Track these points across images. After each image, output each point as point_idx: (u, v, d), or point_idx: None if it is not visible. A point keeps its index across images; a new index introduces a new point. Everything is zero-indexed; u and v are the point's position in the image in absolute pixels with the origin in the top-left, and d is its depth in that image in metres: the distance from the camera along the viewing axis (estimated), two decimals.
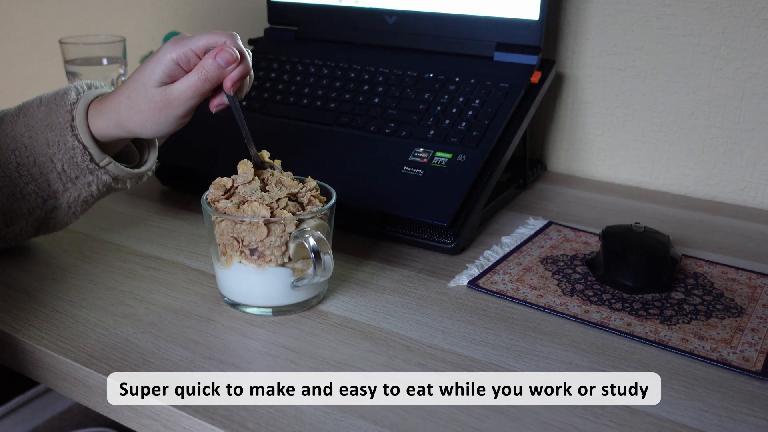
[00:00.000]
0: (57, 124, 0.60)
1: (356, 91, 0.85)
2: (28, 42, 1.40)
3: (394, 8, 0.89)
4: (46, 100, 0.62)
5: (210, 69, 0.56)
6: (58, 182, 0.61)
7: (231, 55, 0.56)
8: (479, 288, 0.63)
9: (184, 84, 0.57)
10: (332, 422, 0.46)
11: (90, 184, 0.62)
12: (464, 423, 0.46)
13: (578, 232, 0.74)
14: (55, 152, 0.60)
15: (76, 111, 0.60)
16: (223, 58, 0.56)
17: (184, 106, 0.58)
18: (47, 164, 0.61)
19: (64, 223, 0.65)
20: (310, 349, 0.54)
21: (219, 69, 0.56)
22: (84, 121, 0.60)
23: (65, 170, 0.61)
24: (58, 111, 0.60)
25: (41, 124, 0.61)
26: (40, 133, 0.61)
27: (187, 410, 0.47)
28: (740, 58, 0.82)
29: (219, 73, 0.57)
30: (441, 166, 0.73)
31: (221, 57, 0.56)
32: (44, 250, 0.69)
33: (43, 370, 0.55)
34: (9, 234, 0.64)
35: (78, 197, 0.63)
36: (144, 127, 0.59)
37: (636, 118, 0.90)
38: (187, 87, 0.57)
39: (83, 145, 0.60)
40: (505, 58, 0.83)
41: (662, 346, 0.54)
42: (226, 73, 0.57)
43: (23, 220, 0.63)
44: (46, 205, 0.63)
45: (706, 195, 0.88)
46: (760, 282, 0.65)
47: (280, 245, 0.55)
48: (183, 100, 0.57)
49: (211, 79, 0.57)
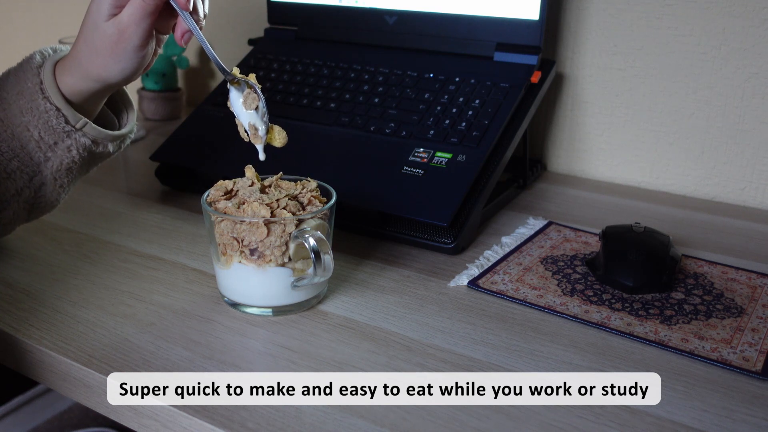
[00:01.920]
0: (26, 90, 0.59)
1: (356, 91, 0.85)
2: (28, 42, 1.40)
3: (394, 8, 0.89)
4: (13, 70, 0.61)
5: None
6: (38, 152, 0.60)
7: None
8: (479, 288, 0.63)
9: (130, 8, 0.55)
10: (332, 422, 0.46)
11: (70, 149, 0.61)
12: (464, 423, 0.46)
13: (578, 232, 0.74)
14: (30, 119, 0.59)
15: (43, 73, 0.59)
16: None
17: (137, 34, 0.56)
18: (24, 134, 0.60)
19: (54, 200, 0.64)
20: (310, 349, 0.54)
21: None
22: (53, 82, 0.59)
23: (42, 137, 0.60)
24: (25, 76, 0.59)
25: (11, 93, 0.60)
26: (12, 103, 0.60)
27: (187, 410, 0.47)
28: (740, 58, 0.82)
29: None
30: (441, 166, 0.73)
31: None
32: (44, 250, 0.69)
33: (44, 370, 0.55)
34: (3, 219, 0.63)
35: (61, 165, 0.61)
36: (107, 68, 0.58)
37: (636, 118, 0.90)
38: (133, 10, 0.55)
39: (56, 107, 0.59)
40: (505, 58, 0.83)
41: (662, 346, 0.54)
42: None
43: (14, 201, 0.62)
44: (32, 182, 0.62)
45: (706, 195, 0.88)
46: (760, 282, 0.65)
47: (280, 245, 0.55)
48: (134, 25, 0.55)
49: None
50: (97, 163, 0.65)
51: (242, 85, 0.57)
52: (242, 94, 0.57)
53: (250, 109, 0.57)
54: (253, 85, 0.57)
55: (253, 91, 0.57)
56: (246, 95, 0.57)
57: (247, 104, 0.57)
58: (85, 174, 0.66)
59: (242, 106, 0.57)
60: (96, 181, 0.86)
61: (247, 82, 0.57)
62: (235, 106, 0.58)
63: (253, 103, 0.57)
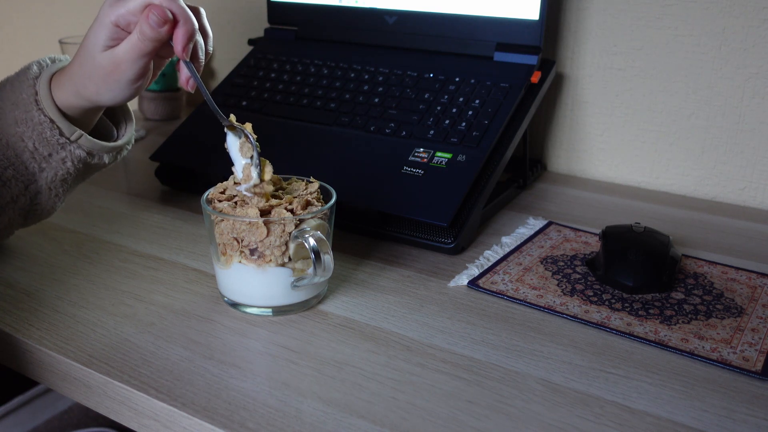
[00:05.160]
0: (21, 101, 0.59)
1: (356, 91, 0.85)
2: (28, 42, 1.40)
3: (394, 8, 0.89)
4: (11, 79, 0.61)
5: (145, 29, 0.54)
6: (33, 162, 0.60)
7: (160, 15, 0.53)
8: (479, 288, 0.63)
9: (126, 45, 0.55)
10: (332, 422, 0.46)
11: (65, 161, 0.60)
12: (464, 423, 0.46)
13: (578, 232, 0.74)
14: (24, 130, 0.59)
15: (39, 85, 0.59)
16: (153, 19, 0.53)
17: (131, 69, 0.56)
18: (19, 144, 0.59)
19: (50, 207, 0.64)
20: (310, 349, 0.54)
21: (153, 29, 0.54)
22: (48, 95, 0.59)
23: (37, 148, 0.59)
24: (21, 87, 0.59)
25: (7, 103, 0.60)
26: (7, 113, 0.59)
27: (187, 410, 0.47)
28: (740, 58, 0.82)
29: (155, 34, 0.54)
30: (441, 166, 0.73)
31: (151, 17, 0.53)
32: (44, 250, 0.69)
33: (44, 370, 0.55)
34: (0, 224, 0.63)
35: (56, 176, 0.61)
36: (99, 94, 0.57)
37: (636, 118, 0.90)
38: (130, 48, 0.55)
39: (50, 119, 0.59)
40: (505, 58, 0.83)
41: (662, 346, 0.54)
42: (163, 33, 0.54)
43: (9, 208, 0.62)
44: (28, 190, 0.61)
45: (706, 195, 0.88)
46: (760, 282, 0.65)
47: (279, 245, 0.55)
48: (129, 62, 0.55)
49: (149, 38, 0.54)
50: (92, 173, 0.65)
51: (238, 131, 0.58)
52: (238, 141, 0.58)
53: (246, 157, 0.58)
54: (249, 135, 0.58)
55: (248, 141, 0.58)
56: (242, 144, 0.58)
57: (243, 153, 0.58)
58: (81, 183, 0.66)
59: (238, 153, 0.58)
60: (96, 181, 0.86)
61: (243, 131, 0.58)
62: (231, 150, 0.59)
63: (248, 153, 0.58)
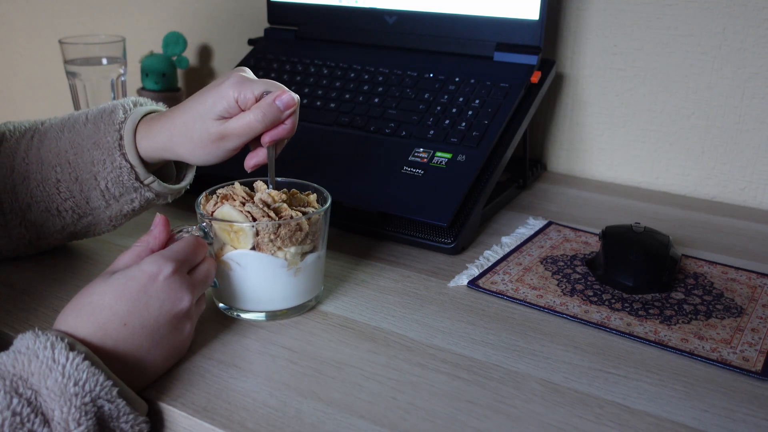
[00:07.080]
0: (104, 143, 0.60)
1: (356, 91, 0.85)
2: (28, 42, 1.40)
3: (394, 8, 0.89)
4: (93, 118, 0.62)
5: (268, 110, 0.57)
6: (101, 200, 0.62)
7: (291, 99, 0.57)
8: (479, 288, 0.63)
9: (242, 121, 0.57)
10: (332, 422, 0.46)
11: (133, 201, 0.63)
12: (464, 423, 0.46)
13: (578, 232, 0.74)
14: (100, 170, 0.61)
15: (124, 130, 0.60)
16: (283, 101, 0.57)
17: (235, 142, 0.58)
18: (90, 182, 0.61)
19: (100, 233, 0.66)
20: (310, 349, 0.54)
21: (278, 112, 0.57)
22: (132, 141, 0.60)
23: (109, 188, 0.61)
24: (106, 130, 0.61)
25: (88, 142, 0.61)
26: (86, 151, 0.61)
27: (187, 410, 0.47)
28: (740, 58, 0.82)
29: (276, 116, 0.57)
30: (441, 166, 0.73)
31: (281, 100, 0.57)
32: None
33: None
34: (41, 245, 0.65)
35: (120, 212, 0.63)
36: (194, 155, 0.59)
37: (636, 118, 0.90)
38: (244, 124, 0.57)
39: (130, 164, 0.60)
40: (505, 58, 0.83)
41: (662, 346, 0.54)
42: (283, 117, 0.57)
43: (55, 235, 0.64)
44: (81, 221, 0.63)
45: (706, 195, 0.88)
46: (760, 282, 0.65)
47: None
48: (237, 136, 0.58)
49: (267, 120, 0.57)
50: (151, 208, 0.66)
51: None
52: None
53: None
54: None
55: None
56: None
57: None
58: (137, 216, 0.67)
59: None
60: None
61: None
62: None
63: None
